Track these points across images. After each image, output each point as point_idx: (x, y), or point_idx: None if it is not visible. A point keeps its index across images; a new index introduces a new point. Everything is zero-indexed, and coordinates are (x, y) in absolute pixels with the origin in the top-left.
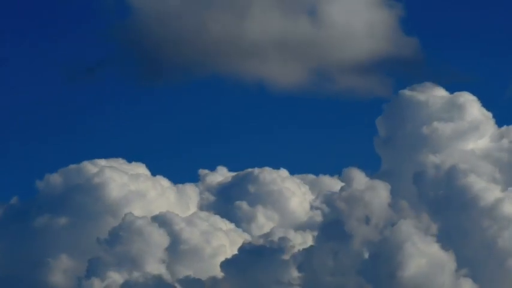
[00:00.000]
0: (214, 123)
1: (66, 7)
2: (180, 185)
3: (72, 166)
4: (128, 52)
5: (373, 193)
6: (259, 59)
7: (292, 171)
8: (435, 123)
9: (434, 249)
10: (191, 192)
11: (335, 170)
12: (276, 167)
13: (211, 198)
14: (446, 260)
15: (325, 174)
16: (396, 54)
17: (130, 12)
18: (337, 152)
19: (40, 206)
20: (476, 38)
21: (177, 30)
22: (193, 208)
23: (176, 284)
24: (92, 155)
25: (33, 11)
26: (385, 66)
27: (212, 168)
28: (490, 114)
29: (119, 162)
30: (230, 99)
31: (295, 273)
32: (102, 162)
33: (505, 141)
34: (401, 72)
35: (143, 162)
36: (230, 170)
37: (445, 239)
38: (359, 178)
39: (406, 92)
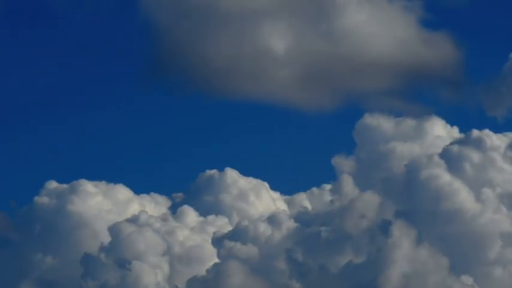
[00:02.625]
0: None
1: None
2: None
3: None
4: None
5: (364, 204)
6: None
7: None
8: (394, 143)
9: (424, 256)
10: (161, 200)
11: None
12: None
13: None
14: (436, 265)
15: None
16: (427, 58)
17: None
18: None
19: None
20: None
21: (184, 44)
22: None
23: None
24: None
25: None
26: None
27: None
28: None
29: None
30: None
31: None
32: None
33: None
34: (440, 82)
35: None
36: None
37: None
38: (351, 188)
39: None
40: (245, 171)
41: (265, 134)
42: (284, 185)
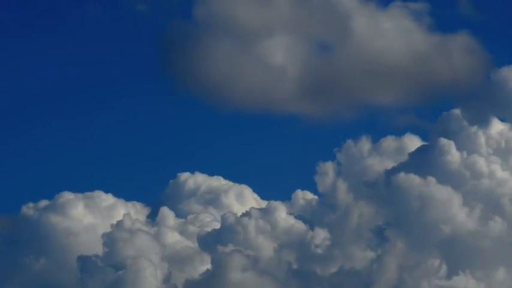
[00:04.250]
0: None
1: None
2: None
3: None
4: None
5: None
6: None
7: None
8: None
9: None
10: (139, 207)
11: None
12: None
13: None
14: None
15: None
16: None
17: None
18: None
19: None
20: None
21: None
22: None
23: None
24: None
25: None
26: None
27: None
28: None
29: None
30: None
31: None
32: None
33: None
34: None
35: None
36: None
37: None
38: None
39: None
40: (234, 178)
41: (261, 142)
42: (274, 190)
